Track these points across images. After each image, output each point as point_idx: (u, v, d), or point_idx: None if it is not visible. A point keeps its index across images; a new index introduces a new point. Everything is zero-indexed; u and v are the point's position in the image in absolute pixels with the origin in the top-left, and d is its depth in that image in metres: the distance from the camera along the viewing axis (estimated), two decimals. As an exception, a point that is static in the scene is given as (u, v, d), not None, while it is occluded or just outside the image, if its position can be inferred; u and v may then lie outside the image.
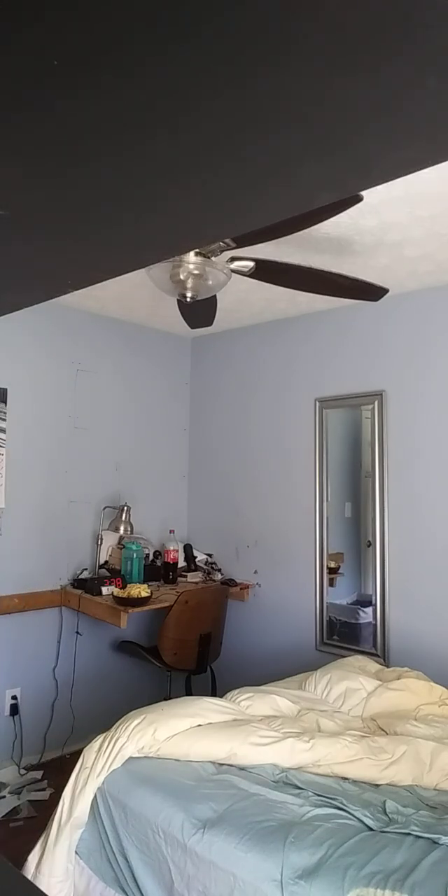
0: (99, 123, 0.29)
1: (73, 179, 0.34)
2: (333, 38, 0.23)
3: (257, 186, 0.35)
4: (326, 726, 2.47)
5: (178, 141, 0.30)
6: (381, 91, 0.26)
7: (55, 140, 0.30)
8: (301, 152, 0.31)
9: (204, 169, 0.33)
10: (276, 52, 0.24)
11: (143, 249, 0.47)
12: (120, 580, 3.49)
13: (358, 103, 0.27)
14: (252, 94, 0.26)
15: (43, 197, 0.36)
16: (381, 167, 0.32)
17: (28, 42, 0.24)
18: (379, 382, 3.37)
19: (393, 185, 2.14)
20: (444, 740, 2.33)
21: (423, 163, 0.31)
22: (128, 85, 0.26)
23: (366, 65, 0.24)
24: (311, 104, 0.27)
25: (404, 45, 0.23)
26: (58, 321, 3.58)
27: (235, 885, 1.71)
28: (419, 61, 0.24)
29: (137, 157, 0.32)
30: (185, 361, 4.40)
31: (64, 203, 0.37)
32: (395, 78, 0.25)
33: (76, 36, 0.24)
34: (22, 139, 0.30)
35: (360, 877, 1.61)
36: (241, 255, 2.18)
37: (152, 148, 0.31)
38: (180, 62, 0.25)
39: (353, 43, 0.23)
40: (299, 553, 3.68)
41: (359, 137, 0.29)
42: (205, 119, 0.28)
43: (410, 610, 3.20)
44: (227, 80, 0.26)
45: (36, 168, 0.33)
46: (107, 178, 0.34)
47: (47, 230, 0.41)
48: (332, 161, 0.32)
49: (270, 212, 0.41)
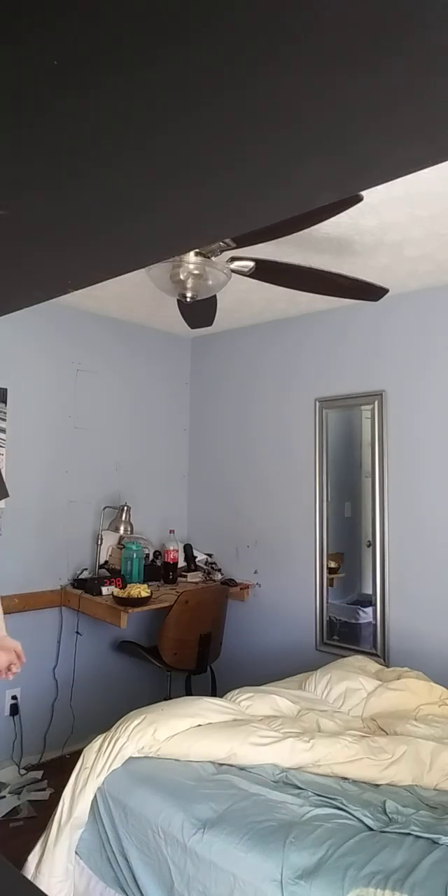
0: (99, 123, 0.29)
1: (74, 179, 0.34)
2: (333, 38, 0.23)
3: (257, 186, 0.35)
4: (326, 726, 2.47)
5: (179, 141, 0.30)
6: (381, 91, 0.26)
7: (55, 140, 0.30)
8: (301, 152, 0.31)
9: (204, 169, 0.33)
10: (276, 52, 0.24)
11: (143, 249, 0.47)
12: (120, 580, 3.49)
13: (358, 103, 0.27)
14: (252, 94, 0.26)
15: (43, 197, 0.36)
16: (381, 167, 0.32)
17: (28, 42, 0.24)
18: (379, 382, 3.37)
19: (393, 185, 2.14)
20: (444, 740, 2.33)
21: (423, 163, 0.31)
22: (128, 85, 0.26)
23: (366, 65, 0.24)
24: (312, 104, 0.27)
25: (404, 45, 0.23)
26: (58, 321, 3.58)
27: (235, 886, 1.71)
28: (419, 61, 0.24)
29: (137, 157, 0.32)
30: (185, 361, 4.40)
31: (64, 203, 0.37)
32: (395, 78, 0.25)
33: (76, 36, 0.24)
34: (22, 139, 0.30)
35: (360, 877, 1.61)
36: (241, 255, 2.18)
37: (152, 148, 0.31)
38: (180, 62, 0.25)
39: (353, 43, 0.23)
40: (299, 553, 3.68)
41: (359, 137, 0.29)
42: (205, 119, 0.28)
43: (410, 610, 3.20)
44: (226, 80, 0.26)
45: (36, 168, 0.33)
46: (107, 178, 0.34)
47: (47, 230, 0.41)
48: (332, 161, 0.32)
49: (270, 212, 0.41)
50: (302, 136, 0.29)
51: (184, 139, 0.30)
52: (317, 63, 0.24)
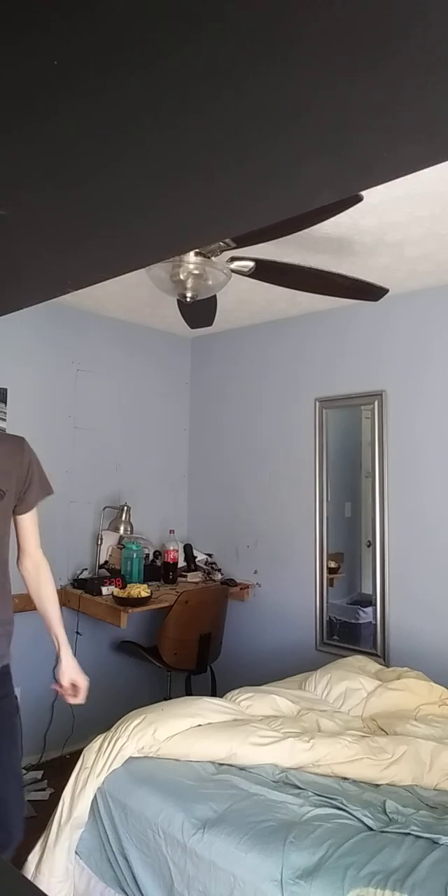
0: (99, 123, 0.29)
1: (74, 180, 0.34)
2: (333, 38, 0.23)
3: (257, 186, 0.35)
4: (326, 726, 2.47)
5: (179, 141, 0.30)
6: (381, 91, 0.26)
7: (55, 140, 0.30)
8: (301, 152, 0.31)
9: (204, 169, 0.33)
10: (276, 52, 0.24)
11: (143, 249, 0.47)
12: (120, 580, 3.48)
13: (358, 103, 0.27)
14: (252, 95, 0.26)
15: (43, 197, 0.36)
16: (382, 167, 0.32)
17: (29, 43, 0.24)
18: (379, 382, 3.37)
19: (393, 185, 2.14)
20: (444, 740, 2.33)
21: (423, 163, 0.31)
22: (128, 85, 0.26)
23: (366, 64, 0.24)
24: (312, 104, 0.27)
25: (404, 44, 0.23)
26: (58, 321, 3.58)
27: (235, 885, 1.71)
28: (419, 61, 0.24)
29: (137, 157, 0.32)
30: (185, 361, 4.40)
31: (64, 203, 0.37)
32: (395, 78, 0.25)
33: (77, 37, 0.24)
34: (22, 139, 0.30)
35: (360, 877, 1.61)
36: (241, 255, 2.18)
37: (152, 148, 0.31)
38: (180, 62, 0.25)
39: (353, 43, 0.23)
40: (299, 553, 3.68)
41: (359, 137, 0.29)
42: (205, 119, 0.28)
43: (410, 610, 3.20)
44: (226, 80, 0.26)
45: (36, 168, 0.33)
46: (107, 178, 0.34)
47: (47, 230, 0.41)
48: (332, 161, 0.32)
49: (270, 212, 0.41)
50: (302, 136, 0.29)
51: (184, 139, 0.30)
52: (317, 63, 0.24)
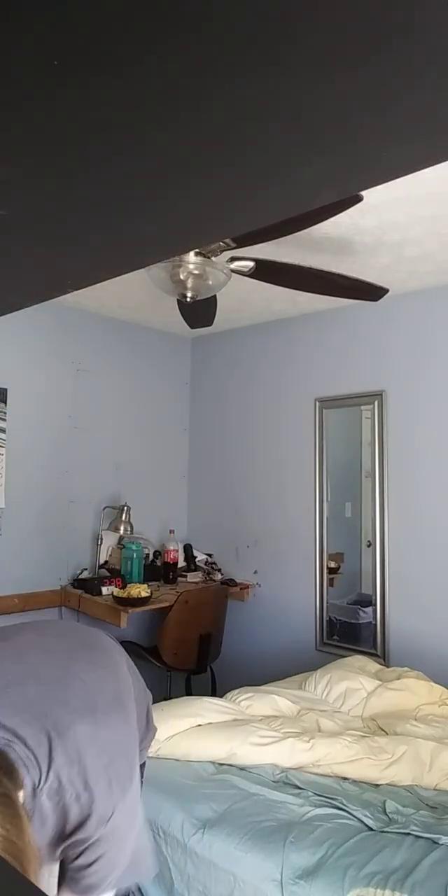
0: (99, 123, 0.29)
1: (73, 179, 0.34)
2: (333, 37, 0.23)
3: (257, 186, 0.35)
4: (326, 726, 2.47)
5: (178, 140, 0.30)
6: (381, 90, 0.26)
7: (55, 139, 0.30)
8: (301, 152, 0.31)
9: (204, 169, 0.33)
10: (276, 51, 0.24)
11: (143, 249, 0.47)
12: (120, 580, 3.48)
13: (358, 102, 0.27)
14: (252, 93, 0.26)
15: (42, 197, 0.36)
16: (381, 167, 0.32)
17: (28, 41, 0.24)
18: (379, 382, 3.37)
19: (393, 185, 2.14)
20: (444, 740, 2.33)
21: (423, 163, 0.31)
22: (128, 84, 0.26)
23: (365, 64, 0.24)
24: (311, 103, 0.27)
25: (404, 44, 0.23)
26: (58, 321, 3.58)
27: (235, 885, 1.71)
28: (419, 60, 0.24)
29: (137, 156, 0.32)
30: (185, 361, 4.40)
31: (63, 203, 0.37)
32: (396, 77, 0.25)
33: (76, 35, 0.24)
34: (21, 138, 0.30)
35: (360, 877, 1.61)
36: (241, 255, 2.18)
37: (152, 148, 0.31)
38: (180, 61, 0.25)
39: (352, 42, 0.23)
40: (299, 553, 3.68)
41: (359, 137, 0.29)
42: (204, 118, 0.28)
43: (410, 610, 3.19)
44: (226, 78, 0.26)
45: (35, 168, 0.33)
46: (106, 178, 0.34)
47: (47, 230, 0.41)
48: (332, 160, 0.32)
49: (270, 212, 0.41)
50: (301, 136, 0.29)
51: (184, 138, 0.30)
52: (316, 62, 0.24)
